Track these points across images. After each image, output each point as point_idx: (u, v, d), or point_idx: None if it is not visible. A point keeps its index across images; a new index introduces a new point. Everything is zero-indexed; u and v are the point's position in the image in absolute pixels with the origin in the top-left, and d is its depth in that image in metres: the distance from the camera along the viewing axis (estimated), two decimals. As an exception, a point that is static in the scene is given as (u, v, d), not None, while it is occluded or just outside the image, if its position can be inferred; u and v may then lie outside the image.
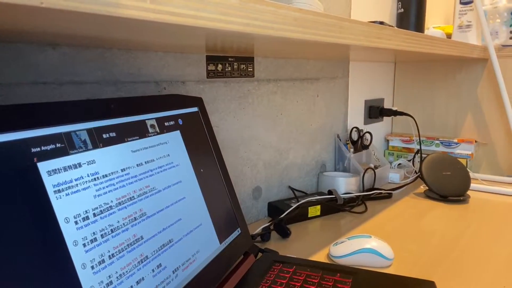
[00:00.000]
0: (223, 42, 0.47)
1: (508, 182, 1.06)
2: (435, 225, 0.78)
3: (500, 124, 1.11)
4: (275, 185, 0.85)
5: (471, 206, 0.89)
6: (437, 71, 1.20)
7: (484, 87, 1.13)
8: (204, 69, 0.67)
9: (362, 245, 0.61)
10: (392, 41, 0.61)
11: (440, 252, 0.65)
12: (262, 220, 0.81)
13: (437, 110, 1.22)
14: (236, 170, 0.75)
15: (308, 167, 0.94)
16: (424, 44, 0.71)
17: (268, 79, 0.80)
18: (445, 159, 0.98)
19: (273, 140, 0.83)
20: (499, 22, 1.07)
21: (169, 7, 0.28)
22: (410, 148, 1.21)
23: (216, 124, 0.70)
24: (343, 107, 1.04)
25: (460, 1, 1.12)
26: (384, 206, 0.89)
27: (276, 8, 0.39)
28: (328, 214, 0.84)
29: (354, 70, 1.07)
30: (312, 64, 0.91)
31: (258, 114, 0.79)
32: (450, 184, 0.93)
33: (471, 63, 1.14)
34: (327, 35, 0.46)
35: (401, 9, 1.15)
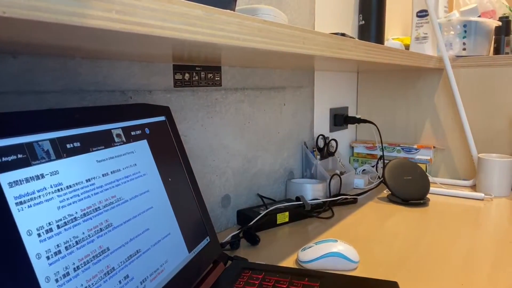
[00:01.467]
0: (190, 51, 0.48)
1: (464, 185, 1.12)
2: (397, 228, 0.81)
3: (455, 130, 1.17)
4: (244, 193, 0.86)
5: (431, 209, 0.93)
6: (397, 81, 1.26)
7: (440, 95, 1.19)
8: (171, 78, 0.67)
9: (329, 249, 0.62)
10: (353, 52, 0.64)
11: (402, 253, 0.68)
12: (231, 228, 0.82)
13: (398, 117, 1.27)
14: (205, 179, 0.76)
15: (276, 174, 0.96)
16: (384, 55, 0.74)
17: (235, 88, 0.81)
18: (406, 164, 1.02)
19: (241, 148, 0.83)
20: (453, 34, 1.14)
21: (135, 18, 0.29)
22: (374, 154, 1.26)
23: (184, 133, 0.70)
24: (309, 115, 1.07)
25: (416, 14, 1.18)
26: (350, 211, 0.92)
27: (241, 19, 0.41)
28: (297, 220, 0.85)
29: (319, 79, 1.10)
30: (278, 74, 0.93)
31: (226, 122, 0.79)
32: (411, 188, 0.97)
33: (428, 72, 1.20)
34: (291, 46, 0.48)
35: (362, 21, 1.20)
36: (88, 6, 0.25)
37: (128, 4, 0.28)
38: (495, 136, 1.11)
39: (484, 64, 1.11)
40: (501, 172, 1.01)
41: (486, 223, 0.83)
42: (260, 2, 0.83)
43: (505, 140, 1.10)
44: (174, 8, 0.32)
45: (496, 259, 0.65)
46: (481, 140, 1.13)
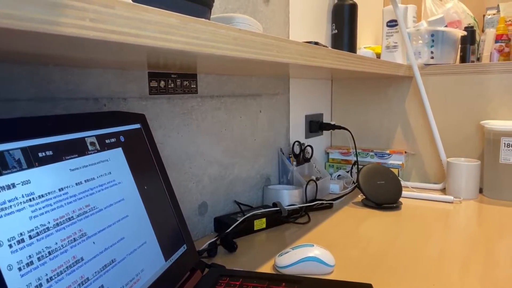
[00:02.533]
0: (165, 59, 0.48)
1: (434, 189, 1.16)
2: (372, 231, 0.83)
3: (425, 136, 1.21)
4: (221, 200, 0.86)
5: (403, 212, 0.96)
6: (369, 88, 1.29)
7: (410, 102, 1.23)
8: (146, 86, 0.67)
9: (306, 254, 0.63)
10: (326, 60, 0.65)
11: (377, 256, 0.70)
12: (208, 236, 0.81)
13: (371, 123, 1.31)
14: (181, 186, 0.75)
15: (253, 181, 0.96)
16: (355, 63, 0.77)
17: (211, 96, 0.81)
18: (379, 169, 1.05)
19: (218, 155, 0.84)
20: (421, 43, 1.19)
21: (109, 26, 0.29)
22: (348, 160, 1.29)
23: (160, 140, 0.70)
24: (285, 122, 1.08)
25: (386, 24, 1.22)
26: (325, 216, 0.94)
27: (216, 28, 0.41)
28: (274, 226, 0.86)
29: (294, 87, 1.12)
30: (254, 81, 0.94)
31: (202, 130, 0.79)
32: (384, 192, 1.00)
33: (399, 80, 1.24)
34: (265, 54, 0.49)
35: (335, 31, 1.23)
36: (61, 14, 0.25)
37: (102, 12, 0.28)
38: (463, 141, 1.16)
39: (451, 72, 1.16)
40: (469, 175, 1.05)
41: (455, 225, 0.86)
42: (235, 11, 0.84)
43: (472, 144, 1.15)
44: (149, 16, 0.33)
45: (465, 260, 0.68)
46: (450, 144, 1.17)
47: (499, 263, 0.66)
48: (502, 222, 0.87)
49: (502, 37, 1.22)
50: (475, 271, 0.63)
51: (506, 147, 1.01)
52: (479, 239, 0.77)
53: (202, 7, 0.49)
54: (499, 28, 1.22)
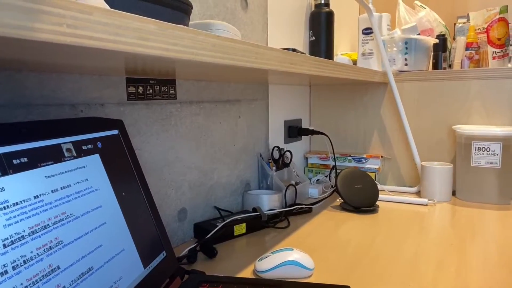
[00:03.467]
0: (144, 65, 0.48)
1: (409, 192, 1.19)
2: (350, 234, 0.84)
3: (401, 140, 1.25)
4: (200, 206, 0.85)
5: (380, 215, 0.98)
6: (347, 93, 1.32)
7: (386, 107, 1.26)
8: (124, 92, 0.66)
9: (285, 258, 0.64)
10: (304, 66, 0.67)
11: (355, 258, 0.71)
12: (188, 242, 0.81)
13: (348, 128, 1.33)
14: (160, 193, 0.75)
15: (233, 186, 0.96)
16: (332, 70, 0.78)
17: (190, 101, 0.81)
18: (357, 173, 1.07)
19: (197, 161, 0.84)
20: (396, 50, 1.23)
21: (86, 32, 0.29)
22: (327, 164, 1.30)
23: (138, 146, 0.69)
24: (264, 127, 1.09)
25: (362, 31, 1.25)
26: (305, 220, 0.95)
27: (194, 34, 0.42)
28: (254, 231, 0.86)
29: (273, 92, 1.13)
30: (233, 87, 0.94)
31: (182, 135, 0.79)
32: (362, 196, 1.02)
33: (375, 86, 1.27)
34: (244, 61, 0.49)
35: (312, 37, 1.25)
36: (37, 19, 0.25)
37: (79, 18, 0.28)
38: (436, 145, 1.20)
39: (424, 78, 1.19)
40: (442, 178, 1.08)
41: (430, 227, 0.88)
42: (213, 17, 0.85)
43: (445, 148, 1.19)
44: (127, 22, 0.33)
45: (439, 260, 0.70)
46: (424, 149, 1.21)
47: (472, 263, 0.69)
48: (474, 223, 0.90)
49: (472, 45, 1.27)
50: (449, 271, 0.65)
51: (477, 150, 1.05)
52: (452, 240, 0.79)
53: (180, 14, 0.49)
54: (469, 36, 1.27)
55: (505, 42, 1.17)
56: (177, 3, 0.48)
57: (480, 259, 0.70)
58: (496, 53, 1.16)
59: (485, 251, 0.73)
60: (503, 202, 1.04)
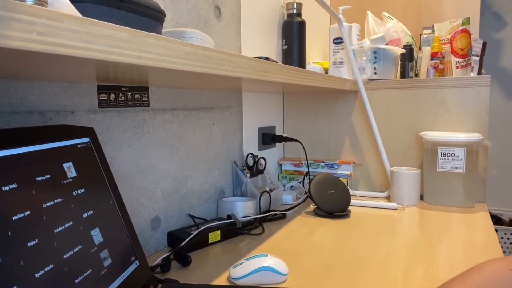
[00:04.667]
0: (116, 72, 0.48)
1: (380, 197, 1.22)
2: (323, 239, 0.86)
3: (371, 147, 1.28)
4: (174, 214, 0.85)
5: (352, 220, 1.00)
6: (319, 101, 1.35)
7: (357, 115, 1.30)
8: (96, 99, 0.65)
9: (259, 264, 0.64)
10: (276, 75, 0.68)
11: (328, 263, 0.72)
12: (162, 251, 0.80)
13: (321, 135, 1.36)
14: (133, 201, 0.74)
15: (207, 194, 0.96)
16: (304, 78, 0.80)
17: (164, 109, 0.80)
18: (329, 179, 1.09)
19: (171, 169, 0.83)
20: (365, 59, 1.26)
21: (57, 39, 0.29)
22: (300, 171, 1.32)
23: (110, 154, 0.68)
24: (238, 134, 1.10)
25: (333, 41, 1.29)
26: (279, 226, 0.95)
27: (168, 42, 0.42)
28: (228, 239, 0.86)
29: (247, 100, 1.14)
30: (207, 94, 0.94)
31: (155, 143, 0.79)
32: (334, 201, 1.04)
33: (346, 94, 1.31)
34: (217, 69, 0.50)
35: (285, 46, 1.28)
36: (7, 27, 0.24)
37: (50, 25, 0.28)
38: (405, 151, 1.24)
39: (392, 87, 1.24)
40: (410, 183, 1.12)
41: (399, 230, 0.91)
42: (186, 25, 0.85)
43: (413, 154, 1.23)
44: (98, 30, 0.33)
45: (408, 262, 0.72)
46: (393, 155, 1.25)
47: (439, 264, 0.71)
48: (441, 226, 0.94)
49: (437, 54, 1.32)
50: (418, 273, 0.68)
51: (443, 156, 1.10)
52: (420, 243, 0.82)
53: (153, 22, 0.50)
54: (434, 46, 1.33)
55: (468, 52, 1.23)
56: (150, 11, 0.48)
57: (446, 260, 0.73)
58: (459, 62, 1.22)
59: (451, 252, 0.77)
60: (467, 205, 1.09)
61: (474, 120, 1.14)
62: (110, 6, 0.41)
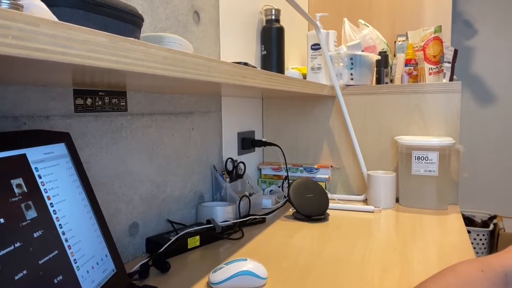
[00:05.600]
0: (93, 77, 0.47)
1: (357, 200, 1.24)
2: (302, 242, 0.86)
3: (349, 151, 1.31)
4: (153, 219, 0.84)
5: (330, 223, 1.01)
6: (298, 106, 1.37)
7: (334, 119, 1.32)
8: (72, 103, 0.64)
9: (239, 269, 0.64)
10: (255, 80, 0.69)
11: (307, 266, 0.73)
12: (140, 257, 0.79)
13: (299, 140, 1.37)
14: (110, 207, 0.73)
15: (187, 199, 0.96)
16: (283, 83, 0.81)
17: (142, 113, 0.80)
18: (308, 183, 1.11)
19: (149, 174, 0.82)
20: (342, 65, 1.29)
21: (33, 43, 0.28)
22: (280, 175, 1.33)
23: (87, 160, 0.67)
24: (217, 139, 1.10)
25: (311, 47, 1.31)
26: (259, 230, 0.96)
27: (146, 47, 0.42)
28: (208, 244, 0.86)
29: (226, 105, 1.14)
30: (186, 99, 0.94)
31: (133, 148, 0.78)
32: (313, 205, 1.05)
33: (324, 99, 1.33)
34: (196, 74, 0.50)
35: (264, 52, 1.29)
36: (-20, 30, 0.24)
37: (26, 29, 0.27)
38: (381, 155, 1.27)
39: (368, 92, 1.27)
40: (386, 186, 1.15)
41: (376, 232, 0.93)
42: (165, 30, 0.85)
43: (389, 158, 1.26)
44: (75, 34, 0.32)
45: (385, 264, 0.74)
46: (370, 158, 1.28)
47: (413, 265, 0.73)
48: (415, 228, 0.96)
49: (411, 61, 1.36)
50: (393, 274, 0.69)
51: (417, 159, 1.13)
52: (396, 245, 0.84)
53: (131, 26, 0.49)
54: (408, 53, 1.37)
55: (440, 59, 1.27)
56: (128, 16, 0.48)
57: (421, 261, 0.75)
58: (432, 69, 1.26)
59: (425, 253, 0.79)
60: (441, 207, 1.12)
61: (446, 125, 1.18)
62: (87, 10, 0.40)
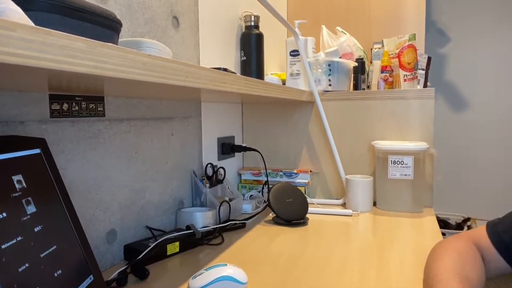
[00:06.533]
0: (69, 82, 0.47)
1: (336, 204, 1.26)
2: (282, 247, 0.87)
3: (327, 156, 1.33)
4: (131, 226, 0.83)
5: (310, 227, 1.02)
6: (277, 111, 1.38)
7: (313, 125, 1.34)
8: (47, 109, 0.63)
9: (219, 274, 0.64)
10: (235, 85, 0.69)
11: (287, 270, 0.74)
12: (118, 265, 0.78)
13: (279, 145, 1.38)
14: (87, 214, 0.71)
15: (166, 205, 0.95)
16: (262, 89, 0.82)
17: (120, 119, 0.79)
18: (288, 188, 1.12)
19: (127, 180, 0.81)
20: (320, 71, 1.31)
21: (9, 48, 0.28)
22: (260, 180, 1.34)
23: (63, 166, 0.66)
24: (197, 144, 1.09)
25: (290, 53, 1.33)
26: (239, 235, 0.96)
27: (125, 53, 0.42)
28: (188, 250, 0.86)
29: (206, 110, 1.14)
30: (165, 104, 0.94)
31: (111, 154, 0.77)
32: (293, 209, 1.06)
33: (303, 105, 1.35)
34: (175, 79, 0.50)
35: (243, 57, 1.30)
36: (-46, 35, 0.24)
37: (2, 34, 0.27)
38: (359, 159, 1.29)
39: (346, 98, 1.29)
40: (364, 190, 1.17)
41: (354, 236, 0.95)
42: (143, 35, 0.85)
43: (366, 162, 1.29)
44: (53, 40, 0.32)
45: (362, 267, 0.75)
46: (348, 163, 1.30)
47: (390, 267, 0.75)
48: (392, 230, 0.98)
49: (387, 68, 1.40)
50: (370, 276, 0.71)
51: (393, 164, 1.16)
52: (373, 247, 0.86)
53: (109, 31, 0.49)
54: (384, 60, 1.40)
55: (414, 66, 1.31)
56: (106, 21, 0.48)
57: (397, 263, 0.77)
58: (407, 76, 1.30)
59: (401, 255, 0.81)
60: (416, 210, 1.15)
61: (420, 130, 1.22)
62: (64, 15, 0.40)
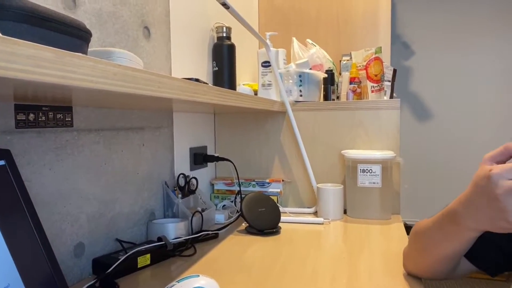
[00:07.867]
0: (36, 92, 0.46)
1: (308, 213, 1.28)
2: (255, 256, 0.87)
3: (299, 165, 1.35)
4: (100, 239, 0.81)
5: (282, 236, 1.03)
6: (249, 122, 1.39)
7: (285, 134, 1.36)
8: (12, 119, 0.61)
9: (191, 285, 0.64)
10: (207, 96, 0.70)
11: (260, 279, 0.74)
12: (86, 279, 0.75)
13: (252, 155, 1.39)
14: (54, 227, 0.69)
15: (137, 216, 0.93)
16: (234, 99, 0.83)
17: (89, 129, 0.78)
18: (260, 197, 1.12)
19: (96, 192, 0.79)
20: (292, 82, 1.34)
21: (-27, 58, 0.27)
22: (233, 190, 1.34)
23: (28, 178, 0.64)
24: (169, 155, 1.08)
25: (261, 64, 1.35)
26: (211, 246, 0.95)
27: (94, 62, 0.41)
28: (159, 262, 0.84)
29: (178, 120, 1.14)
30: (136, 114, 0.93)
31: (79, 165, 0.75)
32: (265, 219, 1.07)
33: (275, 115, 1.37)
34: (146, 89, 0.50)
35: (215, 68, 1.30)
36: None
37: (-35, 44, 0.27)
38: (330, 168, 1.32)
39: (316, 108, 1.32)
40: (334, 198, 1.19)
41: (325, 243, 0.96)
42: (114, 45, 0.84)
43: (336, 171, 1.31)
44: (20, 49, 0.32)
45: (333, 274, 0.77)
46: (319, 172, 1.32)
47: (360, 273, 0.77)
48: (362, 237, 1.01)
49: (355, 79, 1.44)
50: (341, 283, 0.72)
51: (362, 172, 1.19)
52: (344, 254, 0.88)
53: (79, 41, 0.49)
54: (352, 72, 1.45)
55: (381, 78, 1.36)
56: (75, 31, 0.47)
57: (367, 269, 0.79)
58: (374, 87, 1.34)
59: (371, 262, 0.83)
60: (384, 217, 1.19)
61: (387, 139, 1.26)
62: (32, 24, 0.39)
